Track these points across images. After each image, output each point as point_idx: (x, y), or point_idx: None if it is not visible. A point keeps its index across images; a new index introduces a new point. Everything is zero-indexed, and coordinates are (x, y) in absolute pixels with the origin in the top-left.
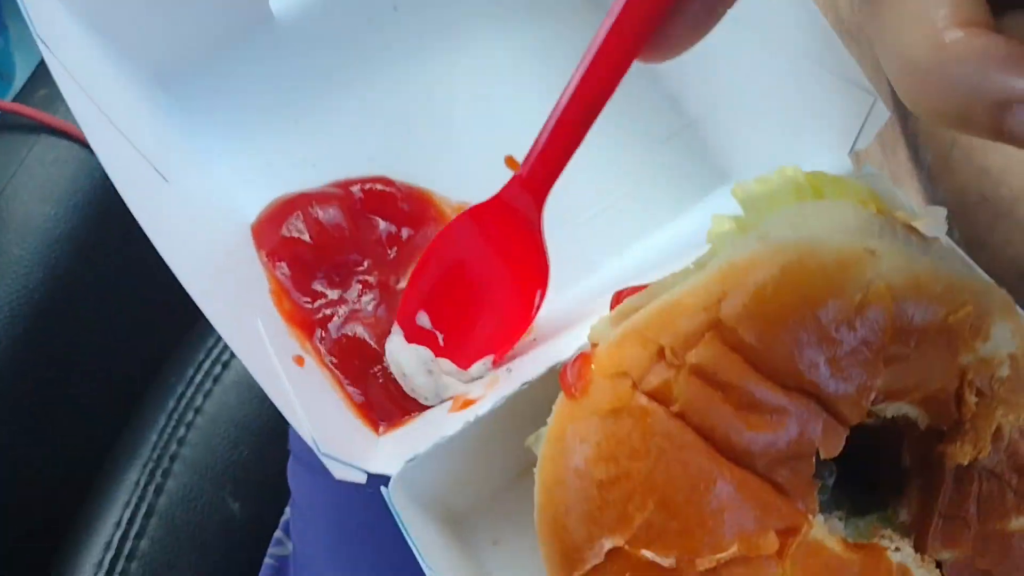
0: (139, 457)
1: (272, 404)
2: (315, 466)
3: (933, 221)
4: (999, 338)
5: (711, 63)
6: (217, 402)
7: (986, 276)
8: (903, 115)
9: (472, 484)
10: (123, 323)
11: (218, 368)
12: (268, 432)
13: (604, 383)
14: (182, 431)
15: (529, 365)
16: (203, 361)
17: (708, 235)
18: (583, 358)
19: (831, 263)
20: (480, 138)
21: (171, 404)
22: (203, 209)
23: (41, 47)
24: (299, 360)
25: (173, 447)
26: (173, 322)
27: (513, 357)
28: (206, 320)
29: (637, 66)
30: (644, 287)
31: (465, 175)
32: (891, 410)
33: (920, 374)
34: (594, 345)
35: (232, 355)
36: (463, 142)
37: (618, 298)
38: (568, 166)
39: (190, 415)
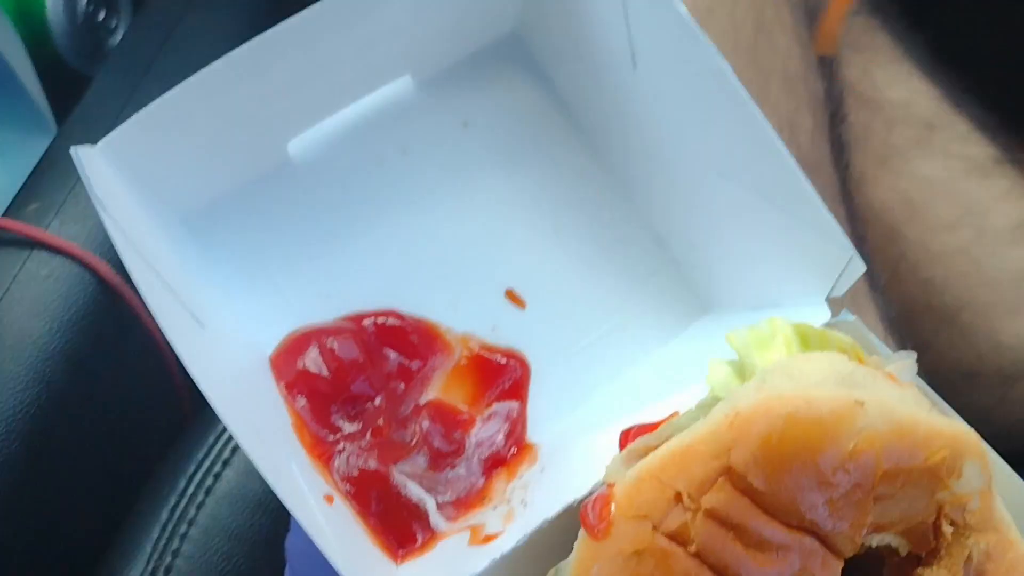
0: (133, 570)
1: (265, 516)
2: None
3: (905, 367)
4: (970, 475)
5: (693, 207)
6: (210, 514)
7: (956, 416)
8: (855, 233)
9: None
10: (117, 436)
11: (210, 480)
12: (262, 543)
13: (626, 525)
14: (176, 543)
15: (545, 500)
16: (195, 473)
17: (708, 379)
18: (603, 500)
19: (827, 414)
20: (482, 272)
21: (164, 516)
22: (232, 346)
23: (97, 207)
24: (329, 499)
25: (168, 559)
26: (165, 435)
27: (524, 486)
28: (196, 432)
29: (625, 209)
30: (650, 426)
31: (468, 307)
32: (876, 540)
33: (904, 509)
34: (610, 485)
35: (224, 466)
36: (466, 276)
37: (626, 437)
38: (565, 300)
39: (184, 527)
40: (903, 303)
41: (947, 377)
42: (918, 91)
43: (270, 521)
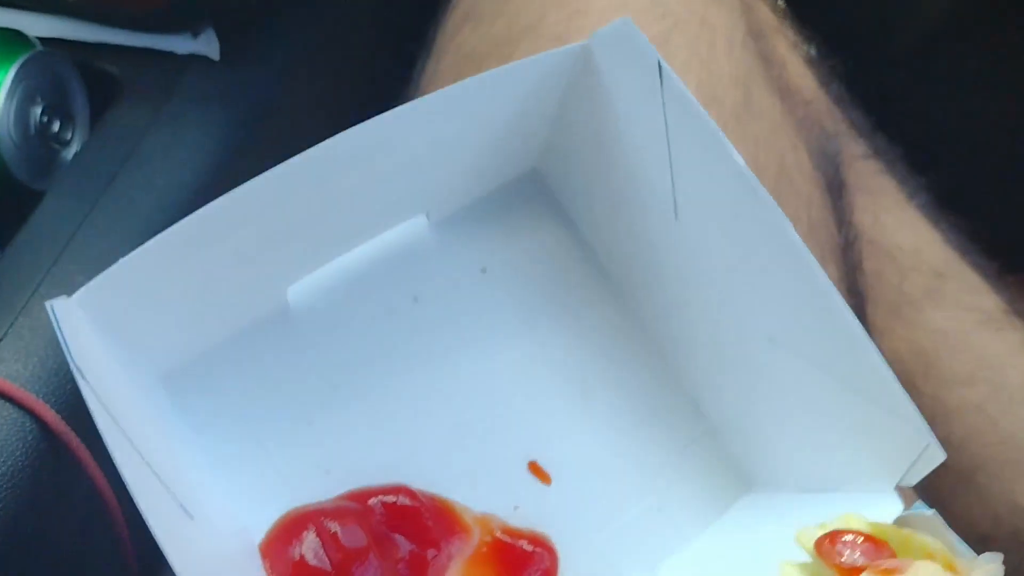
0: None
1: None
2: None
3: (992, 572)
4: None
5: (738, 373)
6: None
7: None
8: None
9: None
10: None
11: None
12: None
13: None
14: None
15: None
16: None
17: None
18: None
19: None
20: (502, 442)
21: None
22: (219, 534)
23: (76, 374)
24: None
25: None
26: None
27: None
28: None
29: (661, 372)
30: None
31: (488, 482)
32: None
33: None
34: None
35: None
36: (485, 446)
37: None
38: (594, 475)
39: None
40: None
41: (964, 540)
42: (926, 238)
43: None
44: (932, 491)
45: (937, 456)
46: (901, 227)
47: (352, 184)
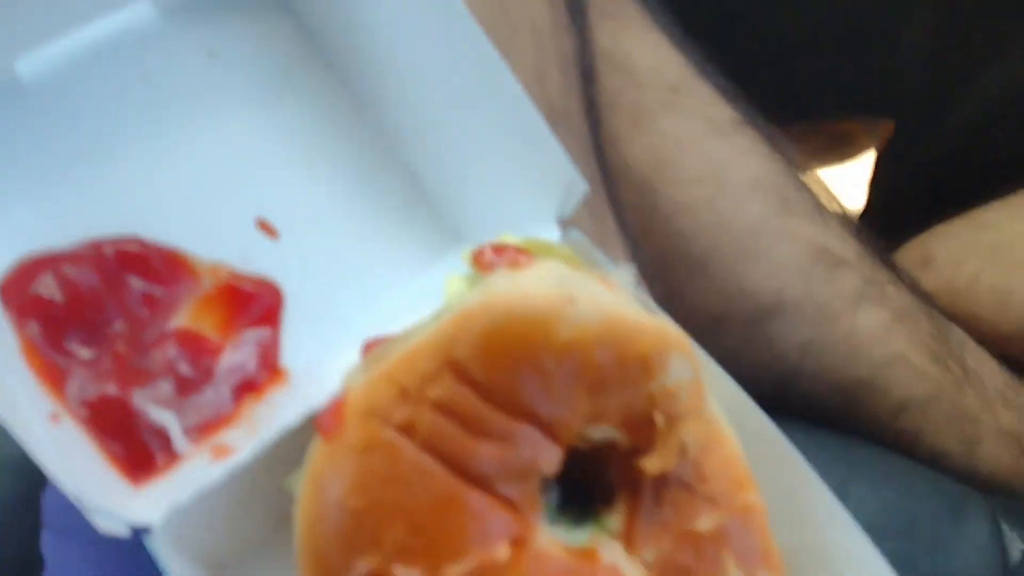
0: None
1: (11, 480)
2: (71, 533)
3: (623, 277)
4: (677, 368)
5: (439, 141)
6: None
7: (667, 317)
8: (609, 185)
9: (238, 532)
10: None
11: None
12: (9, 510)
13: (356, 423)
14: None
15: (288, 413)
16: None
17: (445, 294)
18: (337, 403)
19: (541, 309)
20: (232, 203)
21: None
22: None
23: None
24: (55, 417)
25: None
26: None
27: (271, 406)
28: None
29: (378, 144)
30: (390, 337)
31: (218, 237)
32: (598, 433)
33: (618, 400)
34: (348, 391)
35: None
36: (215, 206)
37: (368, 347)
38: (319, 231)
39: None
40: (657, 254)
41: (700, 322)
42: (666, 59)
43: (25, 485)
44: (670, 281)
45: (580, 187)
46: (641, 48)
47: None
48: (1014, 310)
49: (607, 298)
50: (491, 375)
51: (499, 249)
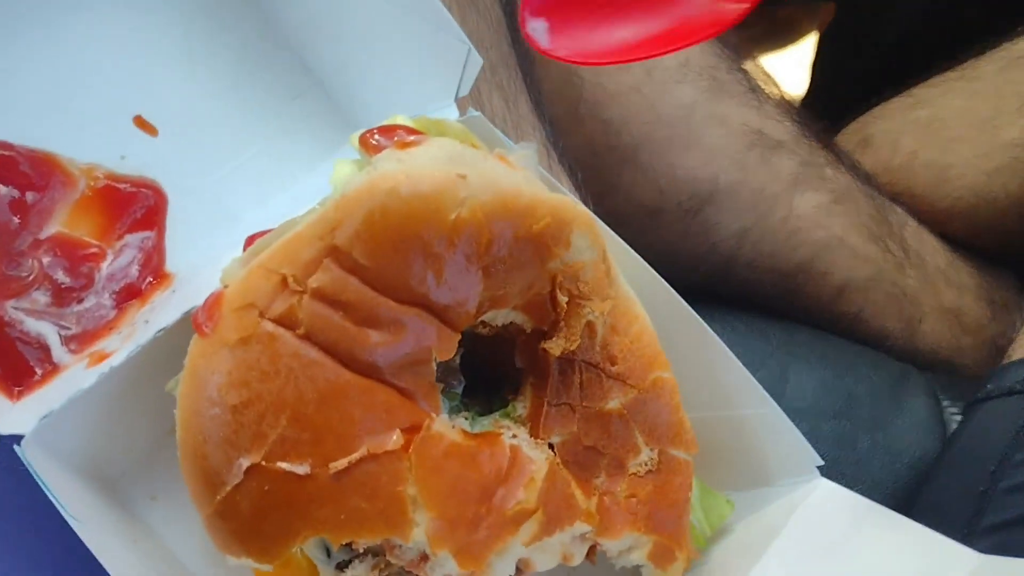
0: None
1: None
2: None
3: (525, 157)
4: (579, 246)
5: (332, 26)
6: None
7: (569, 194)
8: (525, 70)
9: (121, 440)
10: None
11: None
12: None
13: (232, 316)
14: None
15: (168, 315)
16: None
17: (331, 179)
18: (213, 297)
19: (428, 187)
20: (106, 100)
21: None
22: None
23: None
24: None
25: None
26: None
27: (152, 309)
28: None
29: (266, 34)
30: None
31: (92, 136)
32: (500, 318)
33: (517, 281)
34: (226, 286)
35: None
36: (88, 104)
37: (250, 241)
38: (202, 126)
39: None
40: (586, 146)
41: (635, 216)
42: None
43: None
44: (601, 172)
45: (476, 61)
46: None
47: None
48: (952, 185)
49: (503, 175)
50: (376, 260)
51: (387, 130)
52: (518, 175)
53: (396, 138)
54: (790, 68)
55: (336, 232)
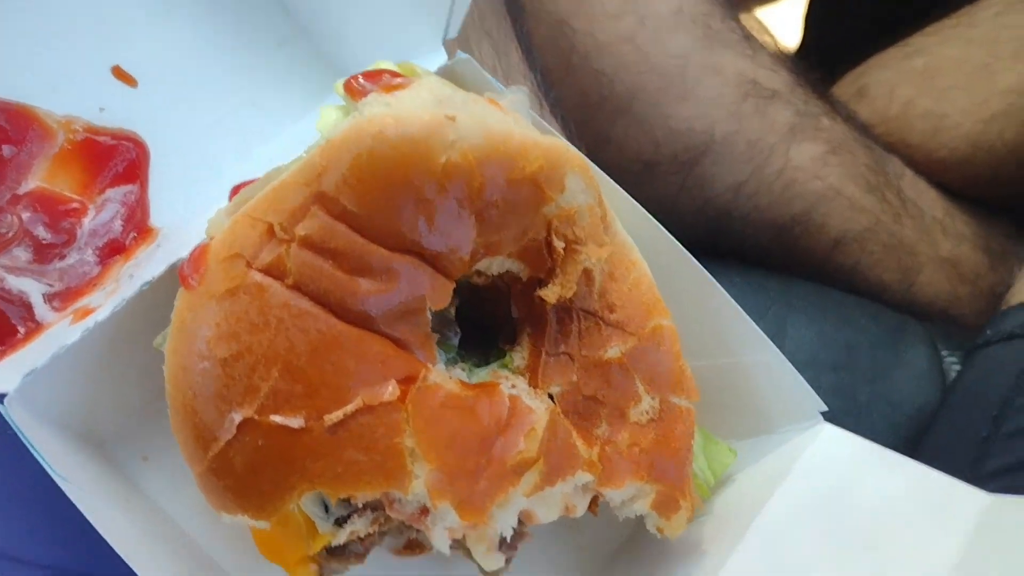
0: None
1: None
2: None
3: (516, 101)
4: (574, 189)
5: None
6: None
7: (562, 138)
8: (515, 19)
9: (109, 398)
10: None
11: None
12: None
13: (219, 267)
14: None
15: (153, 269)
16: None
17: (317, 126)
18: (199, 249)
19: (416, 130)
20: (83, 51)
21: None
22: None
23: None
24: None
25: None
26: None
27: (137, 264)
28: None
29: None
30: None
31: (69, 88)
32: (495, 266)
33: (511, 226)
34: (212, 238)
35: None
36: (64, 55)
37: (236, 191)
38: (183, 77)
39: None
40: (578, 97)
41: (630, 170)
42: None
43: None
44: (594, 124)
45: (464, 4)
46: None
47: None
48: (948, 134)
49: (494, 117)
50: (365, 206)
51: (372, 74)
52: (509, 118)
53: (382, 82)
54: (784, 18)
55: (323, 178)
